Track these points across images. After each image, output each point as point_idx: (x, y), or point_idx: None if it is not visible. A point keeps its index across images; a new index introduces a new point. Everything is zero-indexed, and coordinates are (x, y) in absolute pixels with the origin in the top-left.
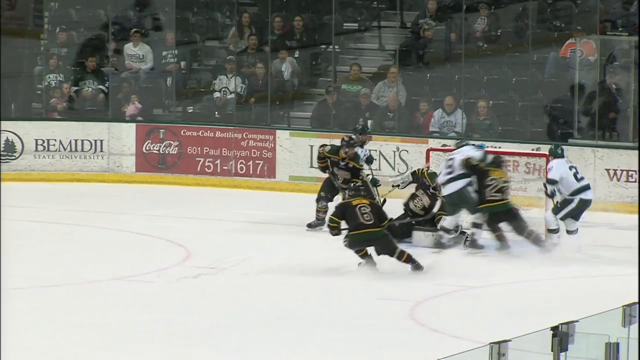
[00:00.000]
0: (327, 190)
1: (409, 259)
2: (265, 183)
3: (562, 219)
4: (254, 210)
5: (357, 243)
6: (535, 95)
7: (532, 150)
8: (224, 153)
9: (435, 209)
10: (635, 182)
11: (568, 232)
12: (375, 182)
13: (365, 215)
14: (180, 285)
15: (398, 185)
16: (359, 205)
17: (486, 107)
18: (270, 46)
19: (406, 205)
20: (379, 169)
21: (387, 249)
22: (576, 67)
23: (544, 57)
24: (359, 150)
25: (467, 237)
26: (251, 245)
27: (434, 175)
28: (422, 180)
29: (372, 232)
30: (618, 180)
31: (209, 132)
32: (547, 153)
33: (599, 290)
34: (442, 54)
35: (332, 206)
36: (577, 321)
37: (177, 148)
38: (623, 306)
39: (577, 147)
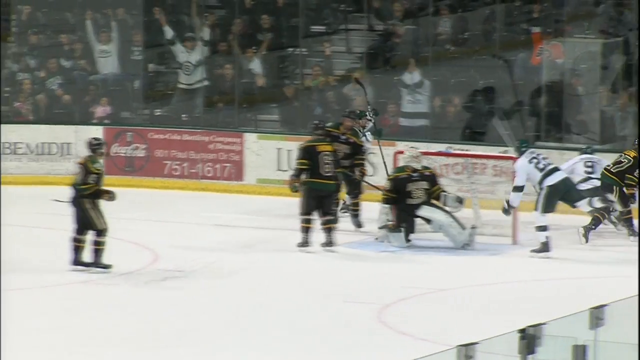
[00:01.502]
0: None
1: (330, 231)
2: (232, 186)
3: (544, 212)
4: (222, 213)
5: (311, 192)
6: (502, 98)
7: (500, 152)
8: (192, 156)
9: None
10: None
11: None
12: (380, 133)
13: (327, 165)
14: (148, 288)
15: (388, 221)
16: (323, 153)
17: (454, 109)
18: (238, 48)
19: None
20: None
21: (329, 209)
22: (543, 70)
23: (511, 60)
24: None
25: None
26: (219, 248)
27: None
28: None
29: (327, 185)
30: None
31: (176, 135)
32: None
33: (567, 292)
34: (409, 57)
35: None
36: (545, 323)
37: (144, 151)
38: (591, 309)
39: (545, 150)
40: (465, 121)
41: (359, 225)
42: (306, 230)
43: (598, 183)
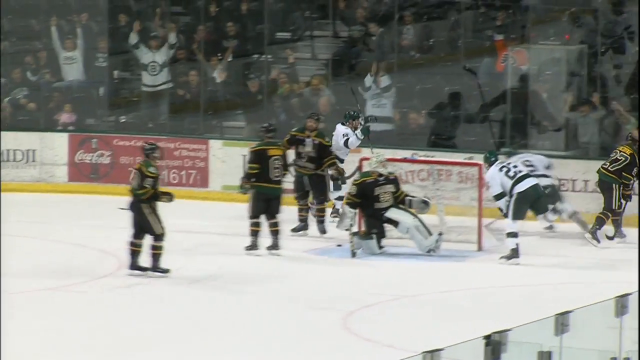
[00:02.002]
0: (300, 188)
1: (276, 234)
2: (197, 193)
3: (514, 219)
4: (187, 219)
5: (259, 197)
6: (468, 104)
7: (465, 159)
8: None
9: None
10: (567, 190)
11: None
12: (366, 132)
13: (276, 169)
14: (113, 295)
15: (351, 225)
16: (273, 157)
17: (418, 116)
18: (203, 55)
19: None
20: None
21: (276, 212)
22: (508, 76)
23: (476, 67)
24: (349, 132)
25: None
26: (183, 255)
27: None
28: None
29: (274, 189)
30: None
31: (141, 141)
32: (483, 161)
33: (532, 298)
34: (376, 62)
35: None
36: (510, 330)
37: (109, 158)
38: (556, 315)
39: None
40: (431, 128)
41: (323, 231)
42: (255, 233)
43: (551, 180)
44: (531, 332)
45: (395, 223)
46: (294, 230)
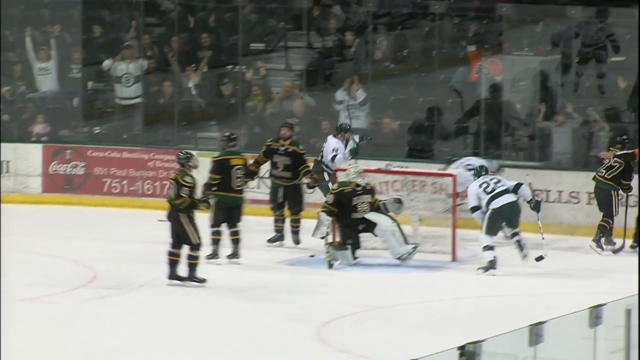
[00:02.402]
0: (275, 199)
1: (237, 243)
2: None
3: (487, 233)
4: (161, 230)
5: (220, 206)
6: (441, 115)
7: (439, 170)
8: (131, 174)
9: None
10: (541, 201)
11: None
12: (354, 153)
13: (238, 179)
14: (87, 307)
15: (327, 234)
16: (235, 167)
17: (393, 127)
18: (177, 66)
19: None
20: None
21: (236, 221)
22: (482, 87)
23: (449, 77)
24: (340, 144)
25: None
26: (157, 266)
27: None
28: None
29: (235, 198)
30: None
31: (115, 152)
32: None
33: (506, 309)
34: (349, 75)
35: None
36: (484, 340)
37: (83, 169)
38: (530, 326)
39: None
40: (408, 142)
41: (297, 242)
42: (216, 242)
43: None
44: (505, 343)
45: (373, 226)
46: (270, 240)
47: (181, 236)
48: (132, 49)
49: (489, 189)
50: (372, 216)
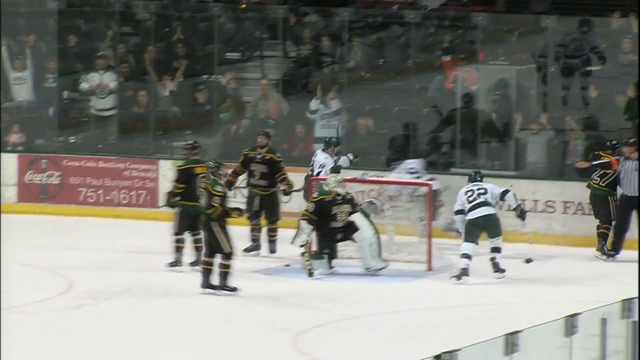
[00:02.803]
0: (252, 208)
1: (200, 250)
2: (147, 213)
3: (465, 241)
4: (137, 240)
5: (183, 214)
6: (416, 130)
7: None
8: (107, 183)
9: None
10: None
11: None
12: (337, 169)
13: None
14: (62, 316)
15: (307, 242)
16: (199, 175)
17: (368, 125)
18: (153, 75)
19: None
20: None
21: (199, 229)
22: (458, 96)
23: (426, 87)
24: (328, 160)
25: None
26: (133, 275)
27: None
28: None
29: (198, 207)
30: (500, 209)
31: (91, 162)
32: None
33: (482, 318)
34: (324, 83)
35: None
36: (459, 350)
37: (59, 178)
38: (506, 335)
39: (459, 177)
40: (386, 156)
41: (273, 251)
42: (178, 250)
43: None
44: (481, 352)
45: (352, 231)
46: (247, 250)
47: (214, 245)
48: (105, 59)
49: (471, 198)
50: (357, 218)
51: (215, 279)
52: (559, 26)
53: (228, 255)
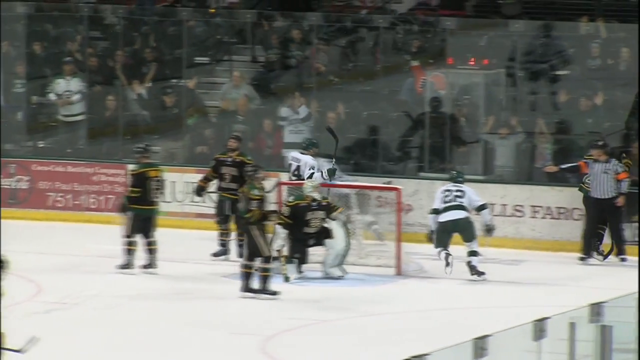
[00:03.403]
0: (221, 212)
1: (152, 253)
2: (116, 217)
3: (436, 246)
4: (106, 244)
5: (136, 218)
6: (386, 128)
7: (384, 184)
8: (76, 188)
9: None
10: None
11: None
12: (333, 172)
13: (155, 191)
14: (31, 321)
15: (282, 246)
16: (153, 178)
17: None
18: (122, 79)
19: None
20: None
21: (152, 231)
22: (426, 100)
23: (395, 90)
24: (309, 160)
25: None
26: (102, 280)
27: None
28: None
29: (151, 210)
30: (469, 213)
31: (60, 166)
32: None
33: (451, 322)
34: (293, 87)
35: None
36: (428, 354)
37: (28, 183)
38: (474, 339)
39: (428, 181)
40: (353, 161)
41: (242, 255)
42: (129, 252)
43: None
44: (450, 356)
45: (325, 235)
46: (215, 255)
47: (253, 249)
48: (72, 65)
49: (447, 199)
50: (334, 226)
51: (255, 283)
52: (528, 31)
53: (267, 259)
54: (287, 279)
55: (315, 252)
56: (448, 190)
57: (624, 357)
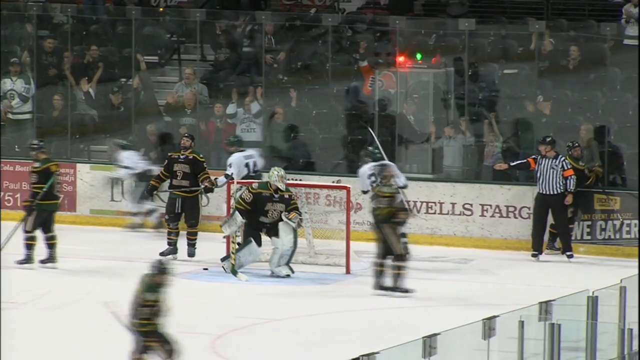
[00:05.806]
0: (172, 211)
1: (53, 247)
2: (66, 217)
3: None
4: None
5: (40, 213)
6: (335, 127)
7: (333, 182)
8: (24, 187)
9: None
10: (434, 213)
11: None
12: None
13: (58, 185)
14: None
15: (236, 233)
16: (55, 173)
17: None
18: (71, 78)
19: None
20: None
21: (52, 226)
22: (375, 99)
23: (343, 90)
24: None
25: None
26: (51, 280)
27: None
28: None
29: (54, 204)
30: (418, 211)
31: (8, 165)
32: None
33: (400, 321)
34: (242, 87)
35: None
36: (377, 353)
37: None
38: (423, 337)
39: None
40: (300, 152)
41: (192, 254)
42: (29, 247)
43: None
44: (399, 355)
45: (275, 232)
46: (162, 254)
47: (386, 247)
48: (18, 66)
49: (375, 184)
50: (282, 227)
51: (387, 281)
52: (476, 30)
53: (400, 257)
54: (235, 273)
55: (265, 250)
56: (373, 175)
57: (573, 355)
